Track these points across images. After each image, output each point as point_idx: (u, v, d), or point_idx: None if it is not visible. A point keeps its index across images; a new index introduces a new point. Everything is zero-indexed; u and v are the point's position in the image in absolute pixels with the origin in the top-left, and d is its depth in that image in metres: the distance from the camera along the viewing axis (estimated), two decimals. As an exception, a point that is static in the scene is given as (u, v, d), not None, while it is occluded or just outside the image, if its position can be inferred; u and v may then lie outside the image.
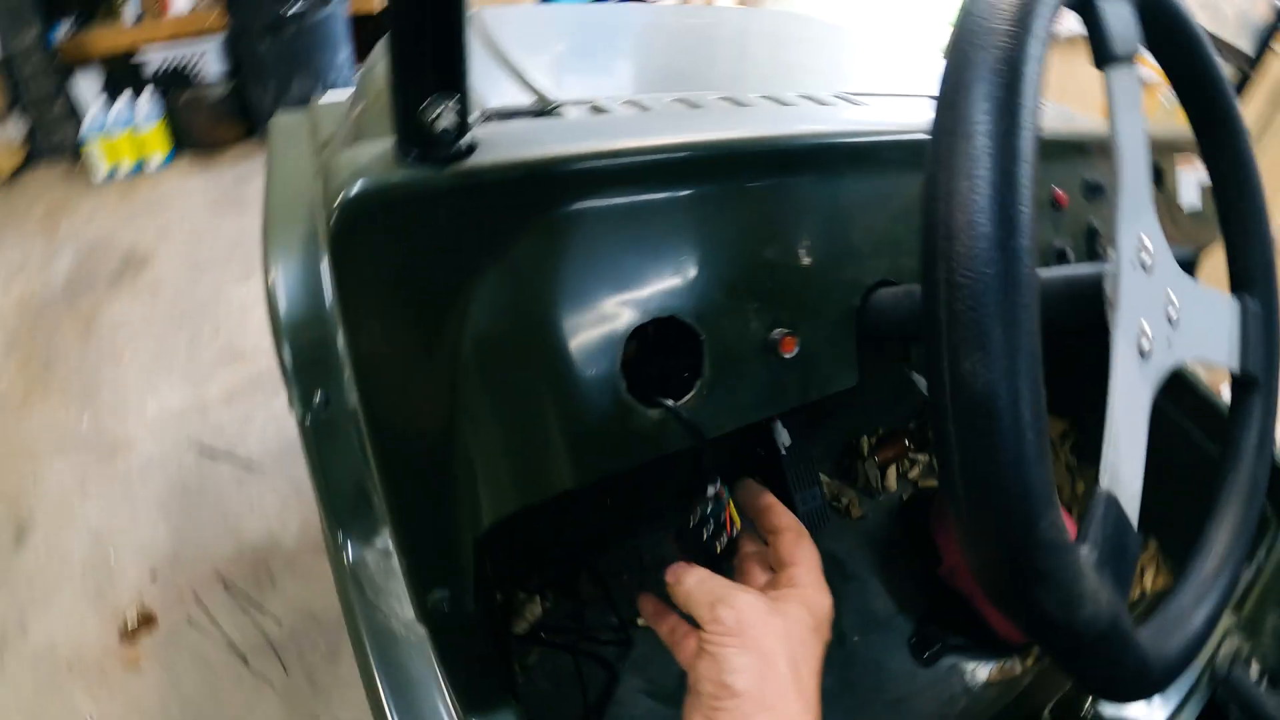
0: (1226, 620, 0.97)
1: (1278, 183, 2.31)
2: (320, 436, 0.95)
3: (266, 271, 0.98)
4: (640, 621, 1.27)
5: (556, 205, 0.49)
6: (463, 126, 0.45)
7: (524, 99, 0.77)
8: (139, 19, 3.10)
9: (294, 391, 0.94)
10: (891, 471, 1.59)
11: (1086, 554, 0.38)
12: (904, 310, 0.62)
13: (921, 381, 0.88)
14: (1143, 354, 0.44)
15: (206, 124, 3.16)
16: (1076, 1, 0.42)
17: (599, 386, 0.51)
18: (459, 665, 0.65)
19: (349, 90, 1.30)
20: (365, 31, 3.41)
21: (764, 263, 0.57)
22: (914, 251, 0.68)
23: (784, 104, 0.75)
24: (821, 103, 0.78)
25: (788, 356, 0.57)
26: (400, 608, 0.87)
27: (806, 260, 0.59)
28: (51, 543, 1.74)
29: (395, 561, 0.91)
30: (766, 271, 0.57)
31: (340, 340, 0.95)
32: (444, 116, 0.43)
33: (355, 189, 0.44)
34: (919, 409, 1.65)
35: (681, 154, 0.54)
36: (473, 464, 0.53)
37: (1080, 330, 0.48)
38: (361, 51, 3.33)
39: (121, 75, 3.21)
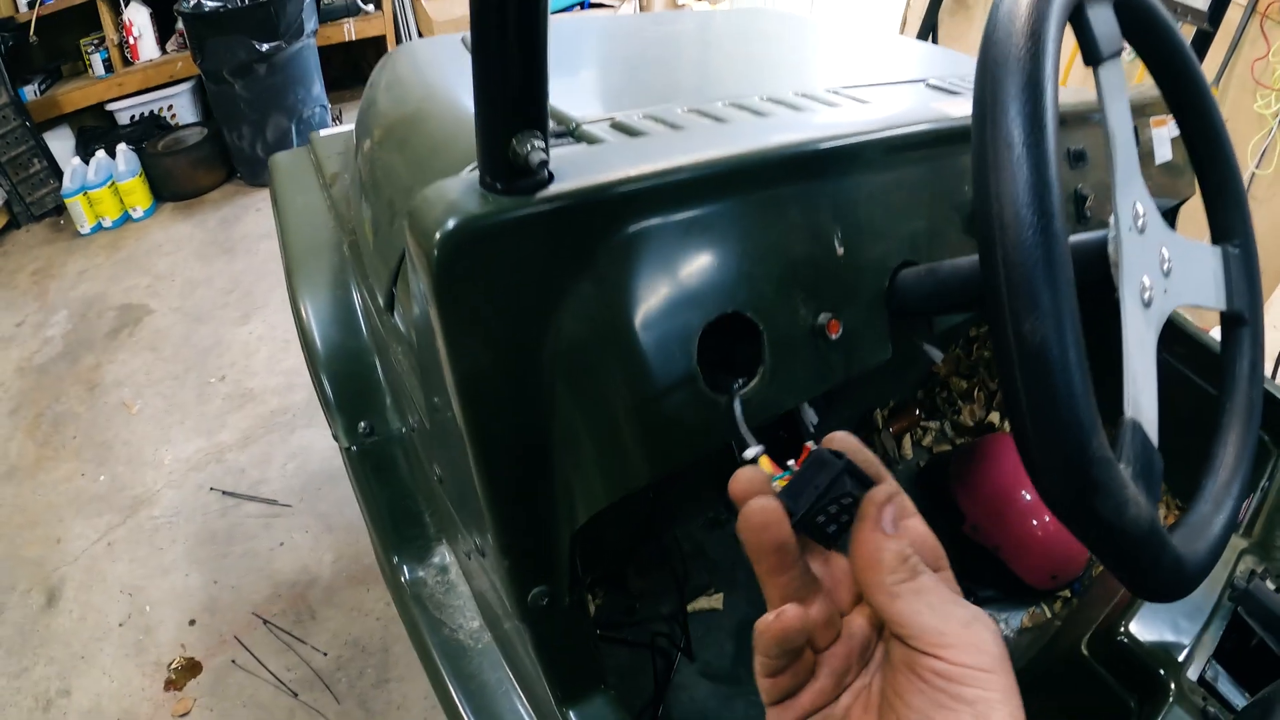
0: (1240, 543, 1.03)
1: (1239, 128, 2.35)
2: (367, 464, 0.98)
3: (298, 310, 1.01)
4: (690, 608, 1.32)
5: (631, 222, 0.54)
6: (546, 158, 0.49)
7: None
8: (107, 71, 3.11)
9: (338, 423, 0.97)
10: (906, 440, 1.66)
11: (1125, 468, 0.44)
12: (927, 287, 0.67)
13: (934, 353, 0.93)
14: (1145, 303, 0.51)
15: (185, 170, 3.18)
16: (1072, 15, 0.50)
17: (679, 382, 0.55)
18: (558, 658, 0.68)
19: (340, 127, 1.34)
20: (334, 64, 3.43)
21: (805, 256, 0.62)
22: (927, 231, 0.73)
23: (795, 108, 0.80)
24: (827, 103, 0.82)
25: (834, 338, 0.62)
26: (465, 620, 0.91)
27: (840, 250, 0.63)
28: (84, 603, 1.76)
29: (454, 575, 0.95)
30: (808, 264, 0.62)
31: (379, 369, 0.98)
32: (534, 151, 0.47)
33: (452, 224, 0.47)
34: (925, 379, 1.70)
35: (730, 167, 0.59)
36: (566, 466, 0.56)
37: (1091, 289, 0.54)
38: (333, 83, 3.35)
39: (96, 130, 3.22)
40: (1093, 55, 0.51)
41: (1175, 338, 1.33)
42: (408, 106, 0.98)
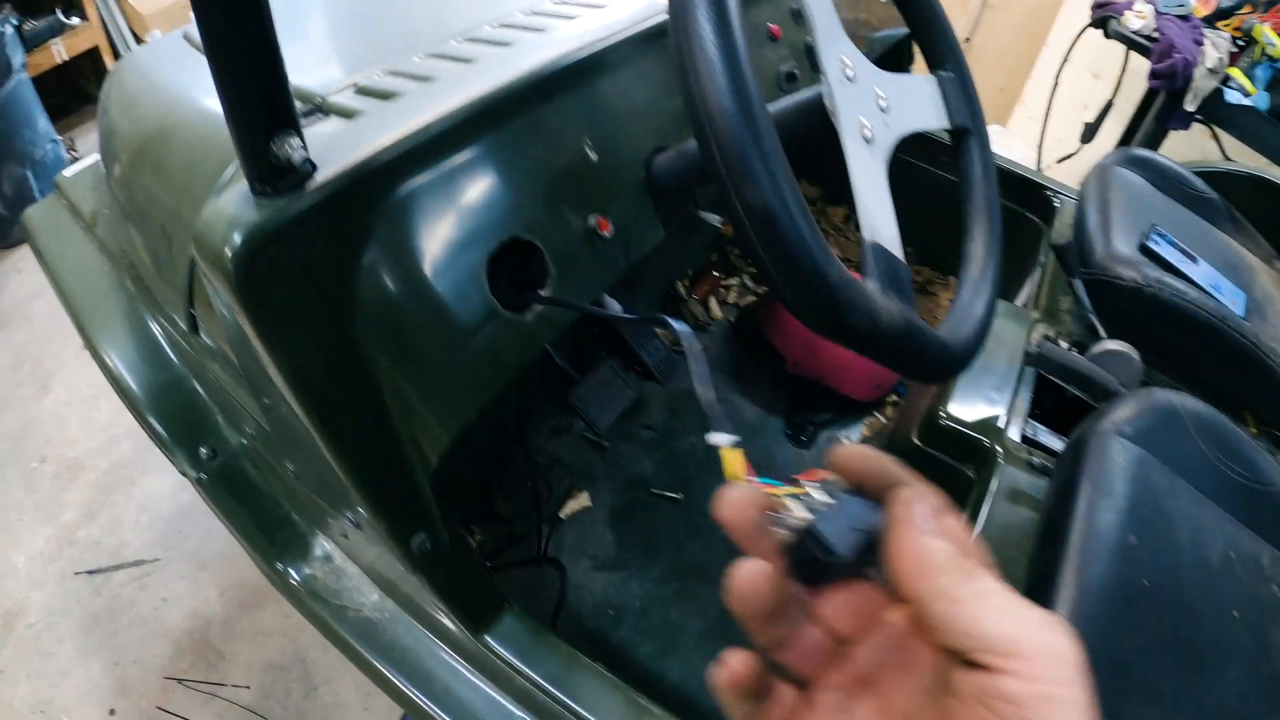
0: (1030, 316, 1.18)
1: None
2: (221, 487, 0.98)
3: (102, 361, 0.97)
4: (562, 514, 1.41)
5: (398, 186, 0.58)
6: (305, 153, 0.51)
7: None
8: None
9: (179, 456, 0.96)
10: (713, 302, 1.78)
11: (872, 286, 0.53)
12: (680, 166, 0.74)
13: (712, 218, 1.02)
14: (868, 141, 0.58)
15: (-77, 258, 2.81)
16: None
17: (479, 314, 0.61)
18: (457, 594, 0.73)
19: (83, 162, 1.25)
20: (52, 91, 3.09)
21: (564, 169, 0.68)
22: (671, 118, 0.79)
23: (531, 29, 0.83)
24: (561, 16, 0.86)
25: (607, 235, 0.68)
26: (364, 596, 0.94)
27: (594, 155, 0.69)
28: (-2, 740, 1.64)
29: (339, 560, 0.97)
30: (567, 176, 0.68)
31: (201, 391, 0.97)
32: (293, 150, 0.49)
33: (239, 239, 0.50)
34: (714, 241, 1.83)
35: (477, 109, 0.63)
36: (406, 419, 0.61)
37: (821, 139, 0.62)
38: (57, 112, 3.03)
39: None
40: None
41: (940, 148, 1.46)
42: (149, 124, 0.94)
